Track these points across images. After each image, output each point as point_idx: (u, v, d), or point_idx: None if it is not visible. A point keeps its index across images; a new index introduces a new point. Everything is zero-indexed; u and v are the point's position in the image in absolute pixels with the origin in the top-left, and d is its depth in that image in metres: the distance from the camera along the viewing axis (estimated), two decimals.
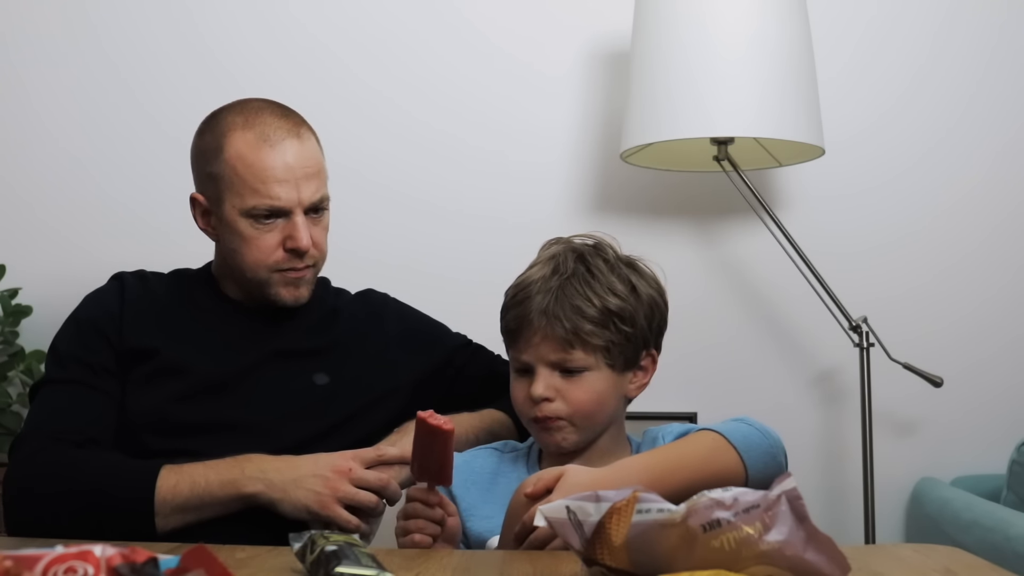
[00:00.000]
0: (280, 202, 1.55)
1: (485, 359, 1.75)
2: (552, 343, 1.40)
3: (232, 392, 1.50)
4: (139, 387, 1.57)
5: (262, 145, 1.55)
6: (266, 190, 1.54)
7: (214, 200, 1.59)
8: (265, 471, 1.44)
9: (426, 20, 2.37)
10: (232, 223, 1.58)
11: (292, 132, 1.58)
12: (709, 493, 0.91)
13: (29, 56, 2.36)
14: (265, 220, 1.56)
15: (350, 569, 0.96)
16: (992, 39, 2.37)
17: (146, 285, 1.67)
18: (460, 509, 1.43)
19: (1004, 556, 1.73)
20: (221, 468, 1.44)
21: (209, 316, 1.65)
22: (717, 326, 2.33)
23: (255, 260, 1.58)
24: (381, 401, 1.65)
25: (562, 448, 1.43)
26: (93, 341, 1.58)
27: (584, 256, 1.44)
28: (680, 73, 2.01)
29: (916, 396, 2.27)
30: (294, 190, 1.55)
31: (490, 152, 2.36)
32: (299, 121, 1.61)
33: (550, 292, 1.40)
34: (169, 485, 1.42)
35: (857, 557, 1.01)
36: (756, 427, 1.38)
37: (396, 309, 1.78)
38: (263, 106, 1.61)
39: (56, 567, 0.76)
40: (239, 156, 1.55)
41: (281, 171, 1.55)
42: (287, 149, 1.56)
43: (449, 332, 1.79)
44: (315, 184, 1.58)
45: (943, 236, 2.37)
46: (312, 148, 1.60)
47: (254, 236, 1.57)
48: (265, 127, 1.57)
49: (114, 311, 1.61)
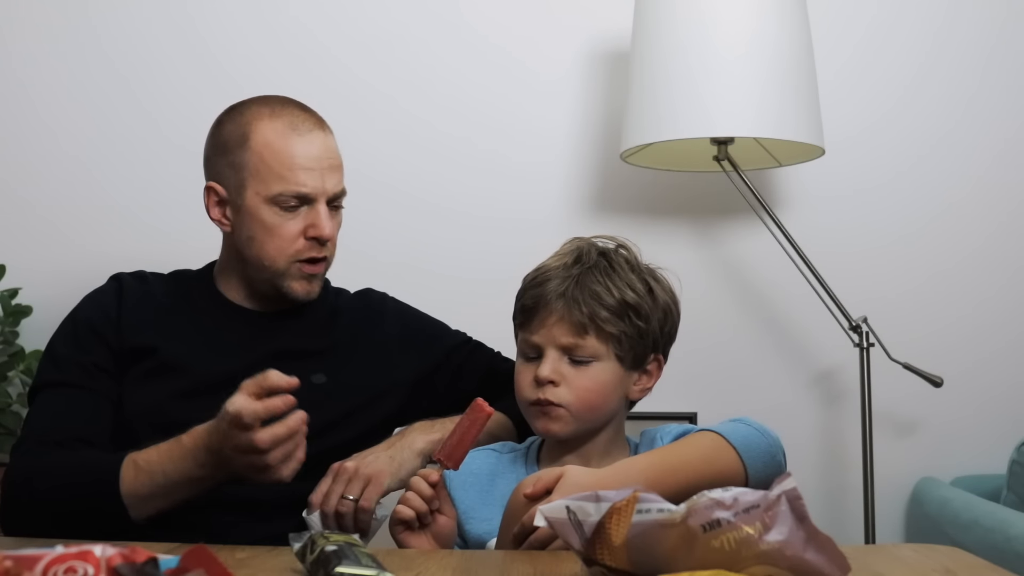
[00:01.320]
0: (307, 189, 1.58)
1: (485, 357, 1.76)
2: (566, 326, 1.40)
3: (230, 391, 1.50)
4: (137, 384, 1.57)
5: (290, 134, 1.58)
6: (294, 177, 1.57)
7: (235, 189, 1.60)
8: (204, 454, 1.39)
9: (426, 20, 2.37)
10: (254, 211, 1.59)
11: (318, 124, 1.62)
12: (709, 493, 0.91)
13: (29, 56, 2.36)
14: (290, 208, 1.58)
15: (350, 569, 0.96)
16: (992, 39, 2.37)
17: (145, 286, 1.68)
18: (459, 512, 1.43)
19: (1004, 556, 1.73)
20: (175, 455, 1.41)
21: (208, 317, 1.65)
22: (717, 326, 2.33)
23: (276, 248, 1.60)
24: (379, 399, 1.66)
25: (555, 436, 1.43)
26: (89, 342, 1.59)
27: (607, 252, 1.46)
28: (680, 73, 2.01)
29: (916, 396, 2.27)
30: (320, 179, 1.58)
31: (490, 152, 2.36)
32: (320, 117, 1.65)
33: (570, 278, 1.42)
34: (130, 478, 1.41)
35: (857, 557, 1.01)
36: (755, 427, 1.38)
37: (395, 308, 1.78)
38: (287, 100, 1.65)
39: (56, 567, 0.76)
40: (267, 143, 1.58)
41: (309, 160, 1.58)
42: (315, 139, 1.60)
43: (448, 330, 1.79)
44: (338, 176, 1.62)
45: (943, 236, 2.37)
46: (334, 142, 1.64)
47: (277, 224, 1.59)
48: (293, 117, 1.60)
49: (111, 313, 1.61)
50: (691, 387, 2.25)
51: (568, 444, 1.46)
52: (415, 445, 1.56)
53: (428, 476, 1.38)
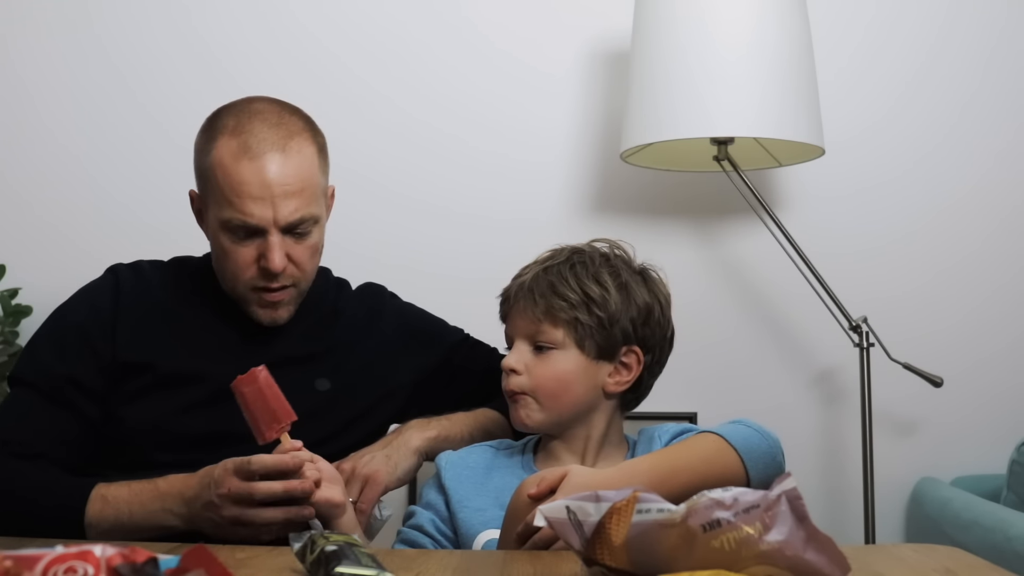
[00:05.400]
0: (253, 219, 1.47)
1: (483, 354, 1.75)
2: (528, 316, 1.45)
3: (234, 402, 1.46)
4: (136, 399, 1.52)
5: (241, 157, 1.46)
6: (240, 205, 1.46)
7: (203, 202, 1.54)
8: (178, 502, 1.37)
9: (426, 20, 2.37)
10: (214, 231, 1.52)
11: (277, 145, 1.47)
12: (709, 493, 0.91)
13: (29, 56, 2.36)
14: (239, 236, 1.49)
15: (350, 569, 0.96)
16: (992, 39, 2.38)
17: (143, 282, 1.61)
18: (452, 500, 1.44)
19: (1004, 556, 1.73)
20: (145, 498, 1.39)
21: (207, 318, 1.59)
22: (717, 326, 2.33)
23: (231, 274, 1.52)
24: (381, 404, 1.65)
25: (527, 426, 1.46)
26: (75, 352, 1.52)
27: (582, 251, 1.50)
28: (680, 73, 2.01)
29: (916, 396, 2.27)
30: (269, 208, 1.46)
31: (490, 152, 2.36)
32: (294, 131, 1.51)
33: (538, 274, 1.47)
34: (95, 510, 1.39)
35: (857, 557, 1.01)
36: (755, 429, 1.38)
37: (395, 307, 1.77)
38: (260, 109, 1.51)
39: (56, 567, 0.76)
40: (220, 164, 1.47)
41: (256, 187, 1.45)
42: (267, 164, 1.46)
43: (447, 328, 1.78)
44: (295, 203, 1.47)
45: (943, 236, 2.37)
46: (298, 163, 1.49)
47: (231, 249, 1.50)
48: (250, 137, 1.47)
49: (106, 316, 1.54)
50: (691, 387, 2.25)
51: (561, 440, 1.48)
52: (411, 443, 1.55)
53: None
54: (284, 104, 1.56)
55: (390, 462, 1.52)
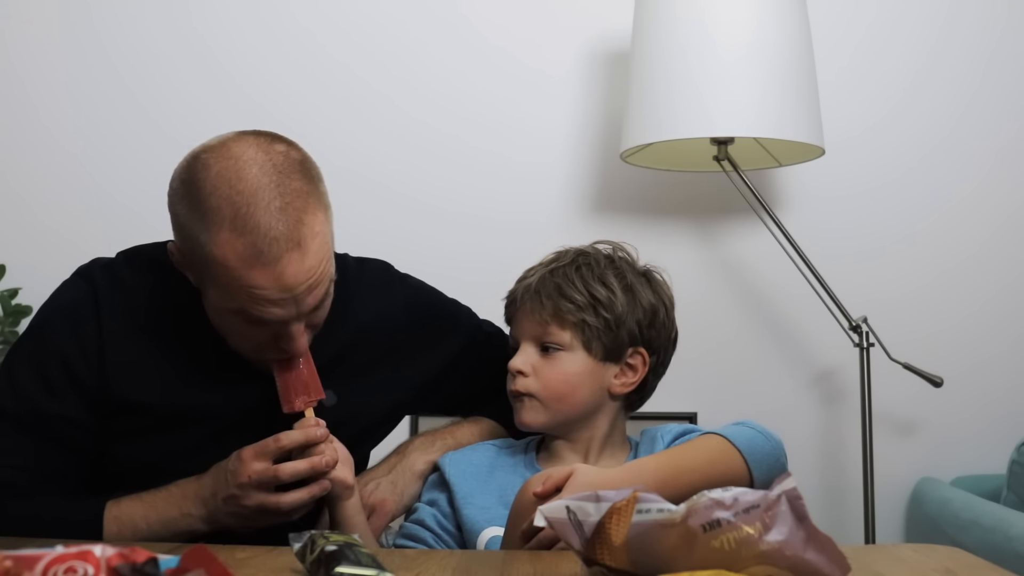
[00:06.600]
0: (274, 318, 1.31)
1: (494, 351, 1.60)
2: (536, 318, 1.46)
3: (236, 437, 1.37)
4: (131, 439, 1.42)
5: (254, 264, 1.26)
6: (258, 307, 1.29)
7: (197, 275, 1.36)
8: (195, 504, 1.34)
9: (426, 20, 2.37)
10: (216, 309, 1.35)
11: (292, 240, 1.27)
12: (709, 493, 0.91)
13: (28, 56, 2.36)
14: (255, 322, 1.32)
15: (350, 569, 0.96)
16: (992, 40, 2.38)
17: (124, 296, 1.44)
18: (456, 497, 1.44)
19: (1004, 556, 1.73)
20: (160, 507, 1.35)
21: (199, 338, 1.41)
22: (717, 326, 2.33)
23: (238, 346, 1.38)
24: (389, 416, 1.59)
25: (530, 427, 1.47)
26: (58, 385, 1.38)
27: (587, 253, 1.50)
28: (680, 73, 2.01)
29: (916, 396, 2.27)
30: (292, 306, 1.30)
31: (490, 152, 2.36)
32: (301, 208, 1.29)
33: (544, 276, 1.47)
34: (112, 534, 1.34)
35: (857, 557, 1.01)
36: (759, 430, 1.39)
37: (404, 295, 1.61)
38: (255, 185, 1.27)
39: (56, 567, 0.76)
40: (225, 264, 1.27)
41: (275, 292, 1.28)
42: (286, 267, 1.27)
43: (459, 323, 1.65)
44: (319, 291, 1.32)
45: (943, 236, 2.37)
46: (317, 249, 1.30)
47: (241, 330, 1.35)
48: (258, 238, 1.26)
49: (90, 348, 1.39)
50: (691, 387, 2.25)
51: (564, 440, 1.48)
52: (416, 467, 1.52)
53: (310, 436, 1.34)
54: (274, 157, 1.31)
55: (396, 490, 1.50)
